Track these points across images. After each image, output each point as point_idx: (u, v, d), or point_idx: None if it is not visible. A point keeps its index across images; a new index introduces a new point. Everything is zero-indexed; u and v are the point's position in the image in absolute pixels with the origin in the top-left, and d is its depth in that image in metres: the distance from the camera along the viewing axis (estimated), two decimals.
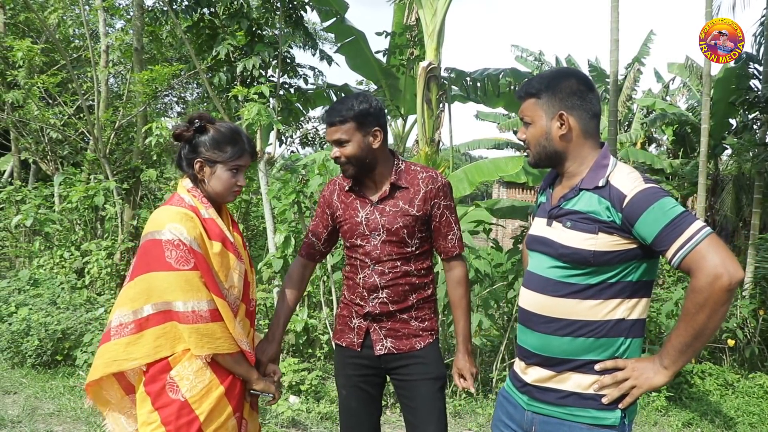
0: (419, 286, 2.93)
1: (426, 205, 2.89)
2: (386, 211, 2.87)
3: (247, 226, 9.42)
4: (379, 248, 2.87)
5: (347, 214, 2.96)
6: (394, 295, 2.88)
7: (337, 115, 2.78)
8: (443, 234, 2.97)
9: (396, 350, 2.91)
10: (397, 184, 2.89)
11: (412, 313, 2.92)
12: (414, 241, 2.89)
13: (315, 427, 5.18)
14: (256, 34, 7.03)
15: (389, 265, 2.87)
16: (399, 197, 2.89)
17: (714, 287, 1.92)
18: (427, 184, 2.90)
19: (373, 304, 2.89)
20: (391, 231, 2.85)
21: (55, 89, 8.86)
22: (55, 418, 5.18)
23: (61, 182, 9.24)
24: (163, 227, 2.40)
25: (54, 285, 7.52)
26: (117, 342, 2.43)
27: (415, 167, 2.97)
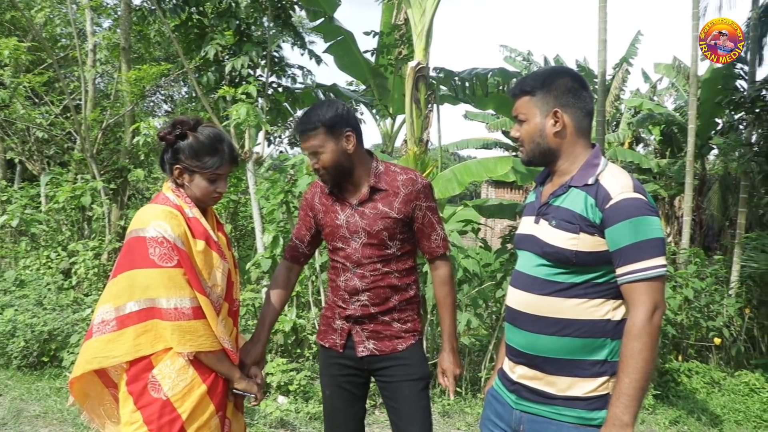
0: (401, 288, 2.92)
1: (407, 208, 2.87)
2: (366, 214, 2.86)
3: (235, 226, 9.39)
4: (360, 251, 2.86)
5: (328, 217, 2.95)
6: (375, 298, 2.87)
7: (307, 124, 2.78)
8: (426, 235, 2.95)
9: (378, 352, 2.89)
10: (376, 186, 2.87)
11: (394, 315, 2.91)
12: (395, 243, 2.88)
13: (303, 427, 5.17)
14: (245, 34, 7.01)
15: (370, 268, 2.86)
16: (378, 200, 2.87)
17: (653, 322, 2.02)
18: (407, 186, 2.88)
19: (354, 306, 2.89)
20: (371, 234, 2.84)
21: (41, 88, 8.81)
22: (41, 420, 5.15)
23: (47, 182, 9.18)
24: (147, 225, 2.40)
25: (40, 286, 7.47)
26: (98, 339, 2.43)
27: (394, 169, 2.95)
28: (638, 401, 2.00)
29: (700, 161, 14.52)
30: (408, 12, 9.54)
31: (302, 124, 2.80)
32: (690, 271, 7.07)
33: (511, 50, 19.75)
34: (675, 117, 15.90)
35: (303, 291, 6.32)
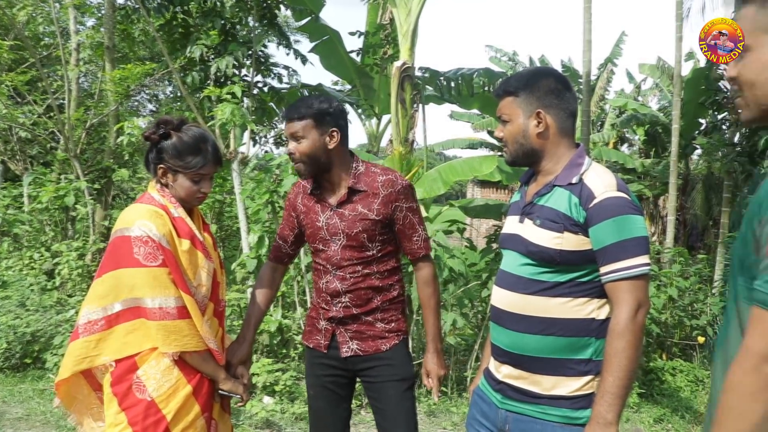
0: (383, 289, 2.90)
1: (386, 209, 2.84)
2: (345, 215, 2.84)
3: (220, 226, 9.36)
4: (339, 253, 2.84)
5: (309, 218, 2.93)
6: (357, 299, 2.86)
7: (296, 111, 2.77)
8: (408, 236, 2.93)
9: (362, 352, 2.88)
10: (355, 187, 2.84)
11: (377, 315, 2.90)
12: (375, 244, 2.86)
13: (289, 427, 5.16)
14: (230, 33, 6.98)
15: (350, 270, 2.84)
16: (357, 201, 2.84)
17: (637, 320, 2.01)
18: (387, 187, 2.84)
19: (337, 308, 2.88)
20: (350, 236, 2.82)
21: (24, 87, 8.76)
22: (24, 422, 5.11)
23: (30, 182, 9.12)
24: (132, 224, 2.40)
25: (23, 287, 7.41)
26: (88, 339, 2.42)
27: (375, 169, 2.92)
28: (622, 400, 2.00)
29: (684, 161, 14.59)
30: (393, 12, 9.56)
31: (292, 111, 2.79)
32: (674, 270, 7.11)
33: (497, 50, 19.81)
34: (659, 117, 15.98)
35: (288, 291, 6.31)
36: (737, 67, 1.59)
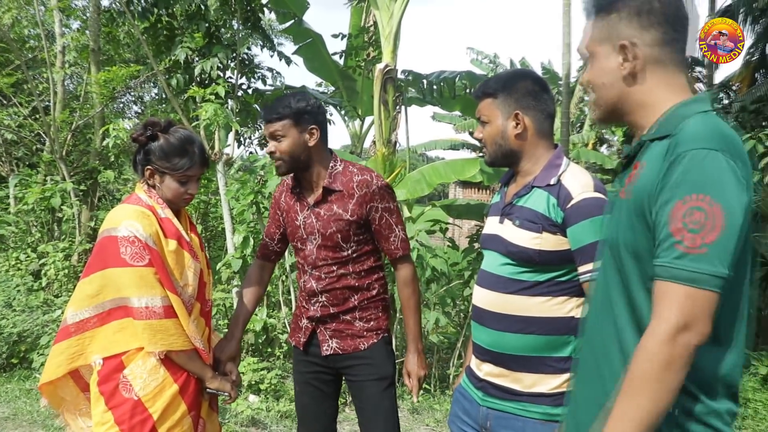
0: (361, 288, 2.88)
1: (361, 210, 2.80)
2: (321, 215, 2.82)
3: (206, 226, 9.33)
4: (315, 253, 2.84)
5: (289, 216, 2.93)
6: (333, 299, 2.85)
7: (274, 111, 2.76)
8: (385, 237, 2.90)
9: (341, 351, 2.88)
10: (331, 187, 2.82)
11: (356, 314, 2.88)
12: (350, 245, 2.83)
13: (275, 425, 5.15)
14: (214, 36, 6.97)
15: (325, 270, 2.83)
16: (333, 201, 2.82)
17: None
18: (362, 188, 2.81)
19: (315, 307, 2.88)
20: (325, 236, 2.81)
21: (9, 90, 8.71)
22: (11, 422, 5.08)
23: (16, 184, 9.06)
24: (119, 224, 2.40)
25: (9, 287, 7.36)
26: (82, 337, 2.43)
27: (352, 169, 2.88)
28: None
29: None
30: (376, 15, 9.57)
31: (270, 111, 2.78)
32: None
33: (478, 53, 19.85)
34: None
35: (273, 291, 6.31)
36: (587, 74, 1.77)
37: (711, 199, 1.41)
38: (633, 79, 1.65)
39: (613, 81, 1.68)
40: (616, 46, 1.65)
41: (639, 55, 1.63)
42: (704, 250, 1.41)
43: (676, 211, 1.43)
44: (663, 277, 1.44)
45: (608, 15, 1.67)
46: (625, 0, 1.65)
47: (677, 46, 1.65)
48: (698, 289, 1.41)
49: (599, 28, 1.69)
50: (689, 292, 1.41)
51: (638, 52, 1.63)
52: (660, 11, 1.62)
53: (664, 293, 1.44)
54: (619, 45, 1.64)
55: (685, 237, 1.41)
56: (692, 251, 1.41)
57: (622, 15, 1.65)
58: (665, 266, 1.44)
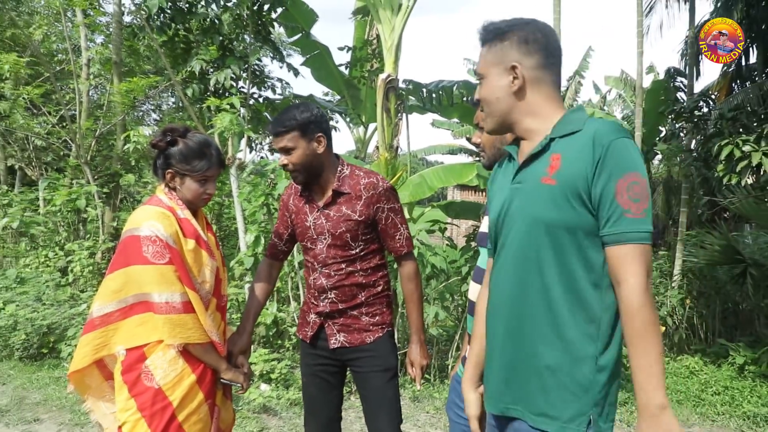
0: (367, 285, 2.89)
1: (369, 210, 2.83)
2: (330, 216, 2.83)
3: (220, 226, 9.35)
4: (325, 252, 2.84)
5: (299, 218, 2.93)
6: (342, 295, 2.85)
7: (281, 125, 2.74)
8: (391, 235, 2.92)
9: (348, 344, 2.89)
10: (339, 190, 2.83)
11: (362, 309, 2.89)
12: (357, 244, 2.85)
13: (284, 412, 5.17)
14: (228, 48, 6.97)
15: (335, 268, 2.84)
16: (342, 203, 2.83)
17: None
18: (369, 189, 2.83)
19: (324, 303, 2.88)
20: (335, 235, 2.81)
21: (39, 100, 8.72)
22: (42, 407, 5.11)
23: (45, 187, 9.09)
24: (141, 224, 2.40)
25: (39, 283, 7.40)
26: (106, 329, 2.44)
27: (358, 172, 2.90)
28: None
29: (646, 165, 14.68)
30: (379, 28, 9.58)
31: (277, 124, 2.76)
32: None
33: (475, 63, 19.76)
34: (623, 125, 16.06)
35: (283, 287, 6.31)
36: (479, 90, 1.96)
37: (640, 175, 1.68)
38: (521, 94, 1.86)
39: (505, 96, 1.88)
40: (507, 67, 1.85)
41: (525, 75, 1.84)
42: (645, 214, 1.67)
43: (619, 187, 1.66)
44: (621, 242, 1.67)
45: (501, 42, 1.87)
46: (513, 30, 1.86)
47: (554, 69, 1.88)
48: (646, 244, 1.67)
49: (492, 53, 1.89)
50: (643, 248, 1.66)
51: (524, 72, 1.84)
52: (541, 41, 1.85)
53: (625, 255, 1.66)
54: (510, 66, 1.84)
55: (632, 206, 1.66)
56: (638, 216, 1.66)
57: (512, 42, 1.86)
58: (621, 233, 1.66)
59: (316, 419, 3.05)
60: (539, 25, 1.89)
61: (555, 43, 1.89)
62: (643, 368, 1.63)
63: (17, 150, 10.23)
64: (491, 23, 1.93)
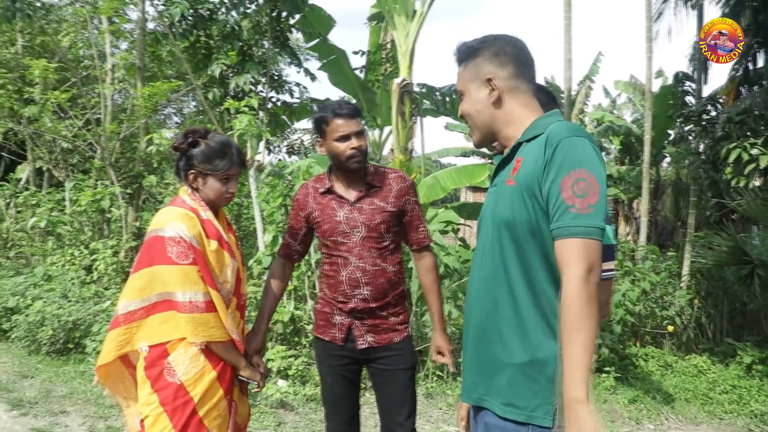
0: (395, 282, 2.92)
1: (399, 201, 2.91)
2: (364, 209, 2.86)
3: (239, 226, 9.38)
4: (360, 244, 2.85)
5: (325, 214, 2.92)
6: (375, 291, 2.85)
7: (353, 108, 2.85)
8: (415, 227, 2.99)
9: (376, 344, 2.90)
10: (372, 183, 2.90)
11: (389, 310, 2.92)
12: (389, 236, 2.89)
13: (301, 407, 5.18)
14: (247, 54, 7.01)
15: (370, 262, 2.85)
16: (374, 195, 2.89)
17: None
18: (398, 183, 2.94)
19: (356, 300, 2.86)
20: (370, 227, 2.84)
21: (66, 104, 8.78)
22: (68, 399, 5.15)
23: (71, 188, 9.18)
24: (165, 225, 2.41)
25: (65, 280, 7.45)
26: (130, 326, 2.46)
27: (383, 169, 3.00)
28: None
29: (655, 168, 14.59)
30: (393, 33, 9.59)
31: (349, 107, 2.86)
32: (646, 266, 7.13)
33: None
34: (632, 128, 15.98)
35: (300, 285, 6.32)
36: (461, 107, 2.03)
37: (588, 171, 1.69)
38: (499, 103, 1.93)
39: (484, 108, 1.95)
40: (483, 80, 1.93)
41: (501, 86, 1.91)
42: (591, 210, 1.67)
43: (564, 184, 1.69)
44: (563, 236, 1.68)
45: (474, 59, 1.95)
46: (484, 46, 1.95)
47: (527, 77, 1.95)
48: (592, 239, 1.66)
49: (468, 70, 1.96)
50: (587, 243, 1.65)
51: (500, 83, 1.91)
52: (511, 52, 1.93)
53: (567, 248, 1.67)
54: (485, 79, 1.92)
55: (576, 201, 1.67)
56: (582, 212, 1.66)
57: (484, 57, 1.94)
58: (564, 227, 1.68)
59: (340, 416, 3.05)
60: (508, 39, 1.96)
61: (526, 53, 1.96)
62: (569, 362, 1.61)
63: (45, 152, 10.31)
64: (464, 44, 2.02)
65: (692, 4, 8.78)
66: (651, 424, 5.35)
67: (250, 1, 6.93)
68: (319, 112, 2.93)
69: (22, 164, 13.06)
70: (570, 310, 1.63)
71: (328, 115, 2.85)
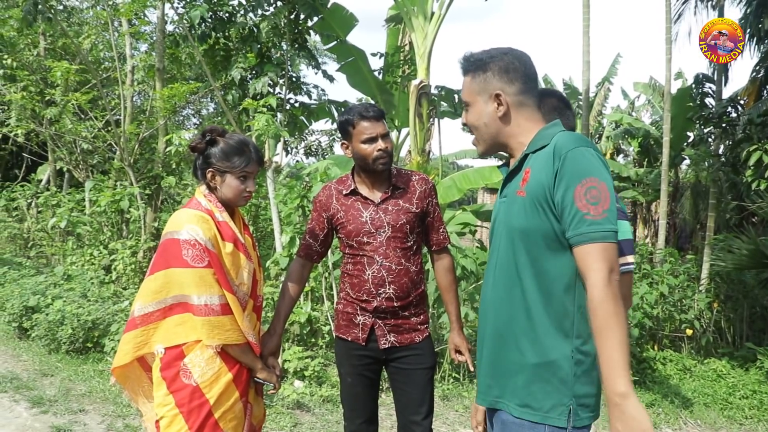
0: (417, 282, 2.94)
1: (422, 203, 2.95)
2: (389, 210, 2.89)
3: (256, 227, 9.40)
4: (385, 244, 2.86)
5: (350, 215, 2.93)
6: (399, 290, 2.87)
7: (379, 111, 2.87)
8: (436, 228, 3.04)
9: (398, 344, 2.92)
10: (397, 185, 2.93)
11: (411, 310, 2.94)
12: (413, 236, 2.92)
13: (317, 408, 5.17)
14: (265, 56, 7.02)
15: (395, 261, 2.86)
16: (398, 197, 2.92)
17: None
18: (421, 184, 2.98)
19: (380, 299, 2.87)
20: (395, 227, 2.87)
21: (86, 105, 8.87)
22: (87, 398, 5.18)
23: (91, 188, 9.27)
24: (181, 228, 2.41)
25: (85, 280, 7.51)
26: (146, 328, 2.46)
27: (406, 171, 3.03)
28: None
29: (674, 170, 14.48)
30: (411, 35, 9.59)
31: (376, 109, 2.88)
32: (665, 269, 7.06)
33: None
34: (651, 130, 15.88)
35: (317, 286, 6.33)
36: (467, 117, 2.08)
37: (597, 179, 1.77)
38: (506, 119, 1.99)
39: (492, 121, 2.00)
40: (492, 95, 1.98)
41: (508, 102, 1.97)
42: (605, 215, 1.75)
43: (577, 193, 1.76)
44: (583, 242, 1.75)
45: (483, 73, 2.00)
46: (494, 61, 1.99)
47: (532, 92, 2.01)
48: (609, 243, 1.74)
49: (476, 83, 2.01)
50: (605, 246, 1.73)
51: (508, 99, 1.97)
52: (519, 69, 1.98)
53: (587, 253, 1.75)
54: (494, 94, 1.97)
55: (590, 209, 1.75)
56: (597, 218, 1.75)
57: (494, 73, 1.98)
58: (583, 234, 1.75)
59: (360, 416, 3.06)
60: (516, 54, 2.01)
61: (532, 68, 2.02)
62: (606, 359, 1.68)
63: (65, 153, 10.42)
64: (472, 54, 2.06)
65: (713, 5, 8.70)
66: (669, 429, 5.30)
67: (268, 3, 6.95)
68: (345, 115, 2.93)
69: (43, 165, 13.23)
70: (599, 312, 1.70)
71: (354, 118, 2.86)
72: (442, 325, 5.83)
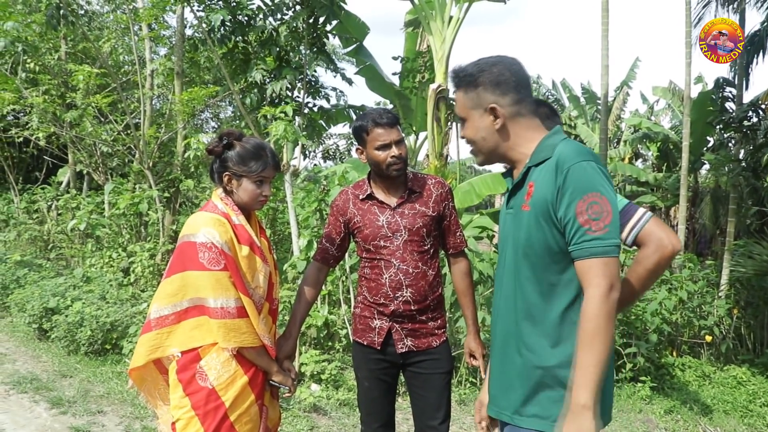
0: (434, 286, 2.94)
1: (439, 207, 2.95)
2: (405, 213, 2.90)
3: (274, 231, 9.43)
4: (402, 247, 2.87)
5: (366, 219, 2.93)
6: (416, 293, 2.86)
7: (393, 117, 2.87)
8: (452, 231, 3.04)
9: (415, 348, 2.92)
10: (413, 189, 2.94)
11: (428, 314, 2.93)
12: (429, 240, 2.93)
13: (334, 412, 5.17)
14: (284, 59, 7.04)
15: (412, 265, 2.87)
16: (415, 200, 2.93)
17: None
18: (438, 188, 2.99)
19: (398, 302, 2.87)
20: (412, 231, 2.88)
21: (106, 108, 8.95)
22: (105, 399, 5.21)
23: (110, 191, 9.33)
24: (197, 231, 2.41)
25: (104, 282, 7.57)
26: (161, 331, 2.46)
27: (421, 175, 3.04)
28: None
29: (694, 175, 14.38)
30: (430, 39, 9.56)
31: (387, 116, 2.87)
32: (684, 275, 7.00)
33: None
34: (670, 135, 15.76)
35: (334, 290, 6.33)
36: (464, 132, 2.08)
37: (600, 194, 1.79)
38: (504, 130, 2.00)
39: (489, 135, 2.01)
40: (486, 109, 1.98)
41: (504, 114, 1.97)
42: (607, 230, 1.78)
43: (579, 208, 1.79)
44: (584, 257, 1.79)
45: (475, 88, 2.00)
46: (483, 75, 1.98)
47: (528, 100, 2.01)
48: (610, 257, 1.77)
49: (469, 98, 2.01)
50: (606, 261, 1.77)
51: (503, 111, 1.97)
52: (510, 79, 1.98)
53: (588, 268, 1.78)
54: (489, 108, 1.98)
55: (592, 224, 1.78)
56: (599, 232, 1.77)
57: (485, 86, 1.98)
58: (584, 248, 1.78)
59: (377, 420, 3.05)
60: (506, 63, 2.01)
61: (524, 75, 2.02)
62: (581, 368, 1.73)
63: (85, 156, 10.51)
64: (461, 69, 2.05)
65: (734, 8, 8.62)
66: None
67: (287, 7, 6.97)
68: (359, 121, 2.93)
69: (63, 168, 13.37)
70: (589, 325, 1.74)
71: (369, 124, 2.87)
72: (459, 329, 5.81)
